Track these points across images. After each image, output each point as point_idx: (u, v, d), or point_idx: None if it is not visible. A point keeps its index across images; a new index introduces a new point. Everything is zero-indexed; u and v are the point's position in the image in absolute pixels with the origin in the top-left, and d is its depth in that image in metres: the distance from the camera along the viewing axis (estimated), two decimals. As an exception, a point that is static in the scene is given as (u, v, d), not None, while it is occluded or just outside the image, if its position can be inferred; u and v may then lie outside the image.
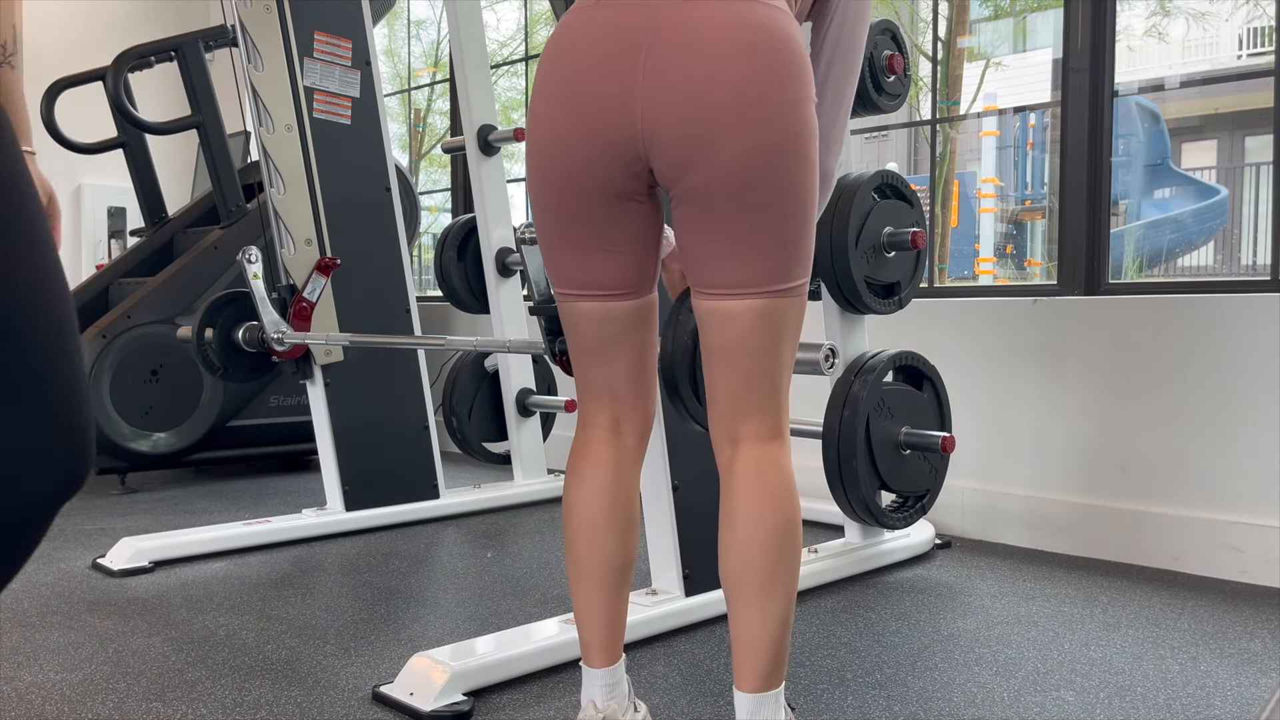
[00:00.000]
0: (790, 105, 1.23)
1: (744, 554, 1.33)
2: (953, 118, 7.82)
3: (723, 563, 1.35)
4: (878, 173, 2.61)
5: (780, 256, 1.28)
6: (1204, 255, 7.40)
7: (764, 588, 1.32)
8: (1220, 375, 2.65)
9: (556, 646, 1.96)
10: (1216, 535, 2.64)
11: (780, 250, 1.28)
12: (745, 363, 1.32)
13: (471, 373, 3.74)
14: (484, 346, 2.34)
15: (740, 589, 1.33)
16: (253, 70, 3.21)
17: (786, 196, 1.25)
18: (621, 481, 1.47)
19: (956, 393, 3.05)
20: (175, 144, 5.69)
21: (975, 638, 2.15)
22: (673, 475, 2.20)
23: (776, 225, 1.26)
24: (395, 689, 1.80)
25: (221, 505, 3.54)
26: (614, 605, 1.47)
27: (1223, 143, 8.61)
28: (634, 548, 1.48)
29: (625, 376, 1.45)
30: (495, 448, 3.80)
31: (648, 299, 1.44)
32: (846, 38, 1.46)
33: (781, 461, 1.34)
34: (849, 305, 2.62)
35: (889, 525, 2.65)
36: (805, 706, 1.79)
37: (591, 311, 1.40)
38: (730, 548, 1.34)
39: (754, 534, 1.32)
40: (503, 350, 2.42)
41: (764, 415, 1.34)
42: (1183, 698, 1.83)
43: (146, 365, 3.76)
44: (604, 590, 1.46)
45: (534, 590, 2.50)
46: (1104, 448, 2.85)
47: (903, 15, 7.62)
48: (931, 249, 3.33)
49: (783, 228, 1.26)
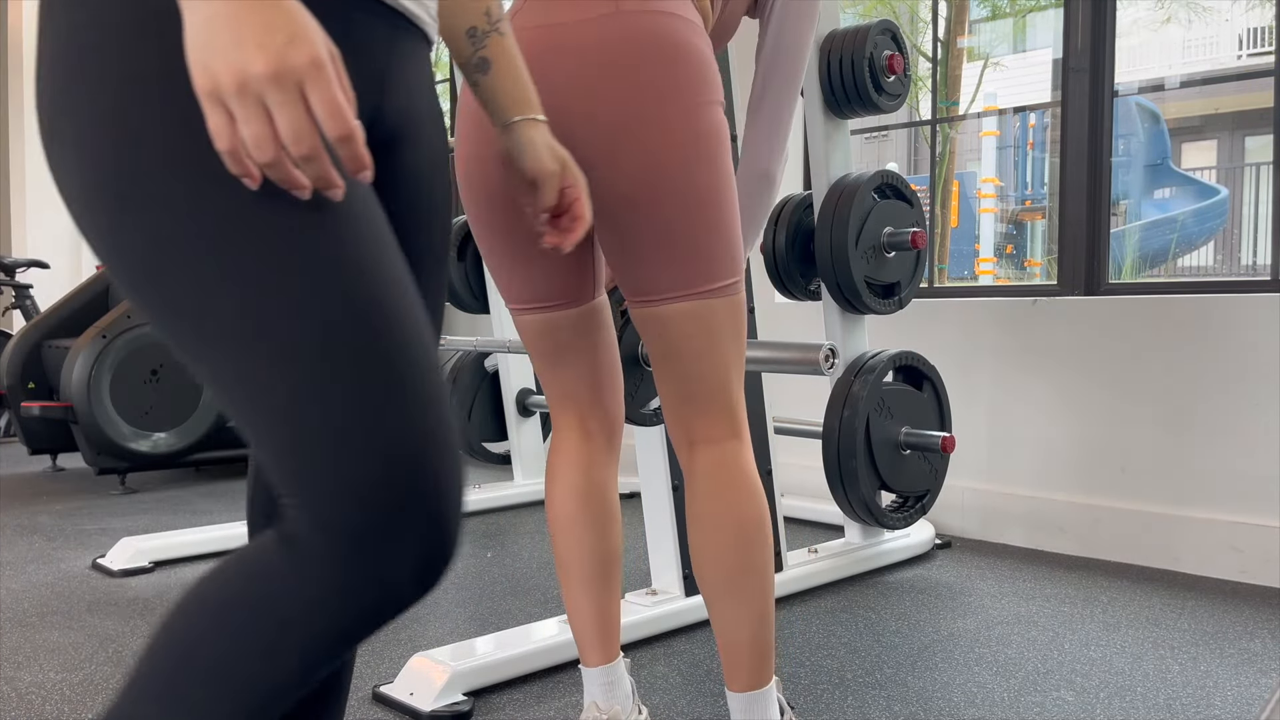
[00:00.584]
0: (686, 111, 1.26)
1: (711, 557, 1.35)
2: (953, 118, 7.82)
3: (694, 567, 1.38)
4: (878, 173, 2.62)
5: (696, 259, 1.29)
6: (1204, 255, 7.41)
7: (734, 588, 1.34)
8: (1220, 375, 2.65)
9: (556, 646, 1.96)
10: (1216, 535, 2.64)
11: (694, 253, 1.29)
12: (687, 366, 1.33)
13: (471, 373, 3.75)
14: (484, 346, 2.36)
15: (713, 591, 1.36)
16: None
17: (689, 200, 1.27)
18: (594, 479, 1.49)
19: (956, 393, 3.06)
20: (175, 144, 5.70)
21: (975, 638, 2.15)
22: (673, 475, 2.20)
23: (684, 229, 1.28)
24: (395, 689, 1.80)
25: (221, 505, 3.54)
26: (602, 601, 1.49)
27: (1223, 143, 8.62)
28: (615, 542, 1.50)
29: (580, 380, 1.47)
30: (495, 448, 3.80)
31: (591, 305, 1.45)
32: (788, 37, 1.45)
33: (740, 461, 1.35)
34: (849, 305, 2.62)
35: (889, 525, 2.65)
36: (805, 706, 1.79)
37: (535, 324, 1.43)
38: (698, 551, 1.36)
39: (717, 537, 1.34)
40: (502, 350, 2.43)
41: (715, 416, 1.34)
42: (1183, 698, 1.83)
43: (146, 365, 3.77)
44: (589, 586, 1.48)
45: (534, 590, 2.50)
46: (1104, 448, 2.85)
47: (902, 15, 7.63)
48: (931, 249, 3.33)
49: (692, 231, 1.28)
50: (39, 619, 2.27)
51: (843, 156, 2.66)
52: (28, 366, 4.03)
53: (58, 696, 1.82)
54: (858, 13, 7.10)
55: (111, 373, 3.68)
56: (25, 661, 1.99)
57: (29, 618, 2.28)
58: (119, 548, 2.72)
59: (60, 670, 1.95)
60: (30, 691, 1.84)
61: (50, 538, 3.04)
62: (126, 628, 2.21)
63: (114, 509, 3.48)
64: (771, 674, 1.38)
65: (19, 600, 2.41)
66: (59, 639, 2.13)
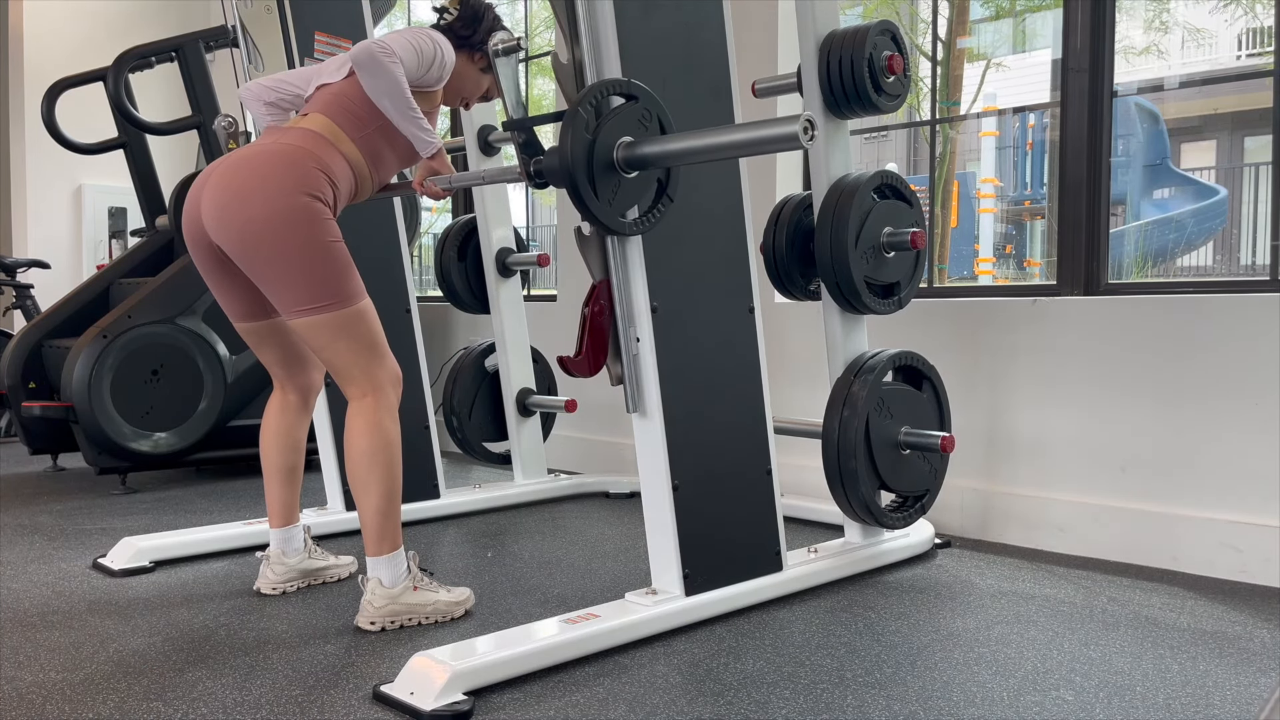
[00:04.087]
0: (264, 201, 2.06)
1: (349, 466, 2.18)
2: (953, 118, 7.82)
3: None
4: (877, 173, 2.62)
5: (292, 290, 2.10)
6: (1203, 255, 7.41)
7: (360, 485, 2.16)
8: (1220, 375, 2.65)
9: (557, 646, 1.96)
10: (1216, 535, 2.64)
11: (290, 287, 2.10)
12: (323, 356, 2.18)
13: (472, 373, 3.75)
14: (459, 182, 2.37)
15: (352, 488, 2.19)
16: (253, 70, 3.21)
17: (275, 255, 2.08)
18: (287, 421, 2.44)
19: (956, 393, 3.06)
20: (175, 144, 5.69)
21: (975, 637, 2.15)
22: (673, 475, 2.21)
23: (277, 273, 2.09)
24: (396, 688, 1.80)
25: (221, 505, 3.54)
26: (284, 492, 2.47)
27: (1222, 143, 8.62)
28: (295, 459, 2.47)
29: (277, 363, 2.41)
30: (495, 448, 3.80)
31: (272, 321, 2.33)
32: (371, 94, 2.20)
33: (365, 411, 2.17)
34: (849, 305, 2.62)
35: (889, 525, 2.65)
36: (805, 706, 1.79)
37: (242, 330, 2.35)
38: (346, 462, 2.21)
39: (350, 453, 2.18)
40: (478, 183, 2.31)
41: (350, 385, 2.19)
42: (1182, 697, 1.83)
43: (147, 365, 3.77)
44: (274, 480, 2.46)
45: (534, 590, 2.51)
46: (1104, 448, 2.85)
47: (903, 15, 7.63)
48: (931, 249, 3.33)
49: (285, 273, 2.09)
50: (39, 619, 2.27)
51: (842, 157, 2.66)
52: (28, 366, 4.03)
53: (58, 696, 1.82)
54: (859, 14, 7.10)
55: (112, 373, 3.68)
56: (25, 661, 2.00)
57: (29, 618, 2.28)
58: (119, 548, 2.73)
59: (60, 670, 1.95)
60: (30, 691, 1.84)
61: (50, 538, 3.04)
62: (126, 628, 2.21)
63: (114, 509, 3.48)
64: (390, 549, 2.18)
65: (19, 600, 2.41)
66: (59, 639, 2.13)
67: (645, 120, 2.01)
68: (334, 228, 2.14)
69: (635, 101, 2.01)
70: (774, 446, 2.46)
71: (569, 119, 1.92)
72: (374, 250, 3.25)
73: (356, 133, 2.22)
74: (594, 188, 1.95)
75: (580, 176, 1.92)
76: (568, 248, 4.18)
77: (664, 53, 2.24)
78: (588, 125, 1.93)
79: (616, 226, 2.03)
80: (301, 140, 2.15)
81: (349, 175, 2.23)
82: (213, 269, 2.25)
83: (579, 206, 1.96)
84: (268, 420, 2.45)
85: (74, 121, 4.60)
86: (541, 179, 2.01)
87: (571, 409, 3.67)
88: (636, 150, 1.97)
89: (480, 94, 2.50)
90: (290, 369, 2.42)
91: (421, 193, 2.36)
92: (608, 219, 1.99)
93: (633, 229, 2.07)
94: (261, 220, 2.05)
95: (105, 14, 6.15)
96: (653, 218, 2.08)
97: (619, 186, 1.99)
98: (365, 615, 2.18)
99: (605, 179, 1.97)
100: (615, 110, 1.98)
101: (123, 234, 6.15)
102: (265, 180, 2.07)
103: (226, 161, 2.15)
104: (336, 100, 2.23)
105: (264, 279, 2.11)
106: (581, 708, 1.78)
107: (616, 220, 2.02)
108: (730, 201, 2.38)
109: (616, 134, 1.97)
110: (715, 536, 2.29)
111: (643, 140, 1.98)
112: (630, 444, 3.88)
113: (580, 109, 1.93)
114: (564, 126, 1.92)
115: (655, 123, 2.03)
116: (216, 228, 2.10)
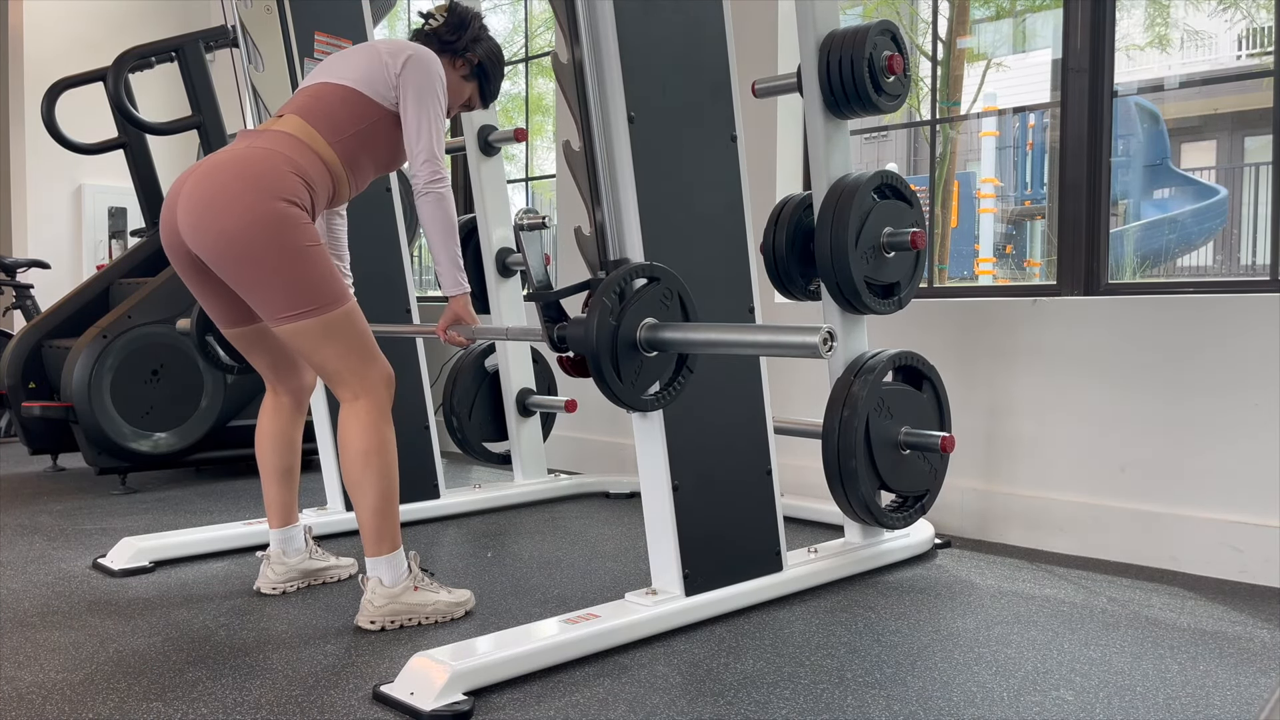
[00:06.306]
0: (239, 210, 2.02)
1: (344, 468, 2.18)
2: (953, 118, 7.82)
3: None
4: (877, 173, 2.62)
5: (273, 298, 2.07)
6: (1204, 255, 7.40)
7: (356, 487, 2.17)
8: (1220, 375, 2.65)
9: (556, 646, 1.96)
10: (1216, 535, 2.64)
11: (270, 294, 2.06)
12: (311, 361, 2.17)
13: (472, 373, 3.75)
14: (482, 335, 2.38)
15: (349, 490, 2.20)
16: (253, 70, 3.21)
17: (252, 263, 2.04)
18: (279, 423, 2.46)
19: (956, 393, 3.06)
20: (175, 144, 5.70)
21: (975, 637, 2.15)
22: (673, 475, 2.21)
23: (256, 280, 2.05)
24: (396, 688, 1.80)
25: (221, 505, 3.54)
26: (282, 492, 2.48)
27: (1222, 143, 8.62)
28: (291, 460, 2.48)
29: (267, 367, 2.42)
30: (495, 448, 3.80)
31: (257, 326, 2.32)
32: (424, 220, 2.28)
33: (358, 413, 2.16)
34: (849, 305, 2.62)
35: (889, 525, 2.65)
36: (805, 706, 1.79)
37: (230, 336, 2.35)
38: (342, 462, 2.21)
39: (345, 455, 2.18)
40: (501, 338, 2.42)
41: (341, 388, 2.18)
42: (1182, 697, 1.83)
43: (147, 365, 3.77)
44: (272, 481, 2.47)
45: (534, 590, 2.51)
46: (1104, 448, 2.85)
47: (903, 15, 7.63)
48: (931, 249, 3.33)
49: (264, 281, 2.05)
50: (39, 619, 2.27)
51: (842, 157, 2.66)
52: (28, 366, 4.03)
53: (58, 696, 1.82)
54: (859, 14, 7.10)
55: (112, 373, 3.68)
56: (25, 661, 2.00)
57: (29, 618, 2.28)
58: (119, 548, 2.73)
59: (60, 670, 1.95)
60: (30, 691, 1.84)
61: (50, 538, 3.04)
62: (126, 628, 2.21)
63: (114, 509, 3.48)
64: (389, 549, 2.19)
65: (19, 600, 2.41)
66: (59, 639, 2.13)
67: (667, 299, 2.04)
68: (311, 232, 2.09)
69: (657, 283, 2.03)
70: (774, 446, 2.46)
71: (594, 307, 1.95)
72: (374, 250, 3.25)
73: (333, 137, 2.20)
74: (618, 371, 1.97)
75: (605, 362, 1.95)
76: (568, 248, 4.18)
77: (664, 53, 2.24)
78: (612, 311, 1.96)
79: (639, 406, 2.05)
80: (275, 144, 2.12)
81: (326, 179, 2.20)
82: (193, 277, 2.22)
83: (602, 388, 1.98)
84: (262, 422, 2.46)
85: (74, 121, 4.60)
86: (565, 345, 2.04)
87: (571, 409, 3.67)
88: (659, 335, 2.00)
89: (462, 102, 2.46)
90: (281, 372, 2.43)
91: (445, 340, 2.39)
92: (630, 399, 2.01)
93: (653, 405, 2.07)
94: (236, 230, 2.01)
95: (105, 14, 6.15)
96: (672, 391, 2.10)
97: (641, 366, 2.02)
98: (365, 615, 2.18)
99: (628, 360, 2.00)
100: (638, 292, 2.00)
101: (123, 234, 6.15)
102: (238, 188, 2.03)
103: (200, 168, 2.10)
104: (315, 103, 2.21)
105: (244, 287, 2.08)
106: (581, 708, 1.78)
107: (639, 400, 2.04)
108: (730, 202, 2.38)
109: (639, 317, 2.00)
110: (715, 536, 2.29)
111: (665, 325, 2.01)
112: (630, 444, 3.88)
113: (604, 297, 1.95)
114: (589, 313, 1.95)
115: (676, 300, 2.06)
116: (193, 237, 2.06)
